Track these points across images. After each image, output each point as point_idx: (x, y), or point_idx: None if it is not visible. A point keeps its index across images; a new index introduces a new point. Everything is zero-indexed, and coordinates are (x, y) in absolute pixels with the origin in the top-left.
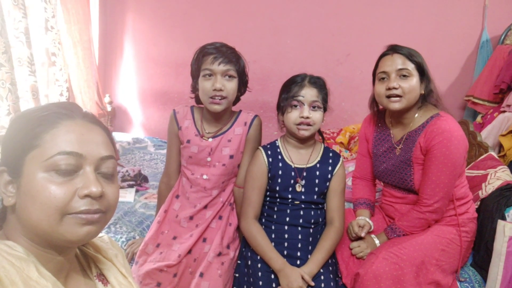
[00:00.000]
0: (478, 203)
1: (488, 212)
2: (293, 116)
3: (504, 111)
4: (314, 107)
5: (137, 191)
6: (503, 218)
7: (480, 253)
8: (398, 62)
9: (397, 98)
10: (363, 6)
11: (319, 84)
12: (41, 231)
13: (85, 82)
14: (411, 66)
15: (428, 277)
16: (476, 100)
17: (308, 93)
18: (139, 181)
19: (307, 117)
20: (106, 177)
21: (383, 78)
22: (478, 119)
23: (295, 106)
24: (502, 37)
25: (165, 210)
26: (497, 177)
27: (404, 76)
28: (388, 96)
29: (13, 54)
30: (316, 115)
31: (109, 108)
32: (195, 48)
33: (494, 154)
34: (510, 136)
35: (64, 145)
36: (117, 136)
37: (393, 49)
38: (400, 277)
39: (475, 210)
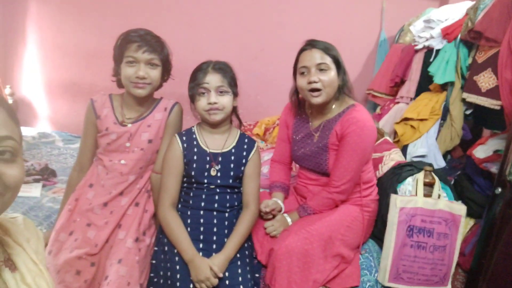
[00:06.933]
0: (375, 181)
1: (384, 189)
2: (202, 103)
3: (398, 102)
4: (221, 92)
5: (44, 185)
6: (396, 193)
7: (377, 225)
8: (316, 56)
9: (318, 93)
10: (275, 4)
11: (223, 69)
12: None
13: None
14: (328, 60)
15: (334, 251)
16: (376, 93)
17: (213, 79)
18: (46, 175)
19: (215, 103)
20: (2, 158)
21: (303, 73)
22: (378, 110)
23: (203, 93)
24: (397, 37)
25: (76, 199)
26: (391, 159)
27: (323, 70)
28: (310, 90)
29: None
30: (224, 100)
31: (10, 101)
32: (108, 38)
33: (389, 139)
34: (402, 123)
35: None
36: None
37: (311, 44)
38: (309, 251)
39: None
